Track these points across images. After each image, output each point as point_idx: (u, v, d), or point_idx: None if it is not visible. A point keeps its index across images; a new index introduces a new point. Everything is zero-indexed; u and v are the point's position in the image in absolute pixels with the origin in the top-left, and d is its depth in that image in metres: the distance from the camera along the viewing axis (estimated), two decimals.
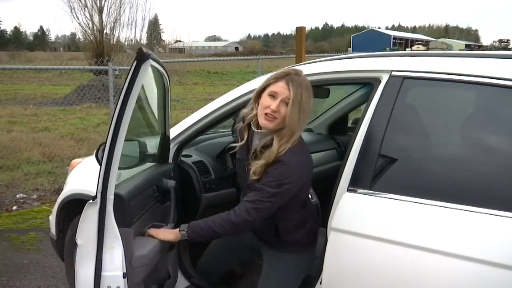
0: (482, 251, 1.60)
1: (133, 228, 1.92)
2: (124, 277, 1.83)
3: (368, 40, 76.43)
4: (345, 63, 2.21)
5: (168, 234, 2.04)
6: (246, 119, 2.05)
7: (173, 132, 2.57)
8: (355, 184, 1.92)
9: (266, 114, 1.90)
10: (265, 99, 1.92)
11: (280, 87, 1.89)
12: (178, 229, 2.01)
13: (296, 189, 1.96)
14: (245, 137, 2.05)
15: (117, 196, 1.83)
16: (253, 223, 1.93)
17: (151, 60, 1.77)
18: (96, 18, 21.80)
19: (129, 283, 1.85)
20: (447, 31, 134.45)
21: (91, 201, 1.83)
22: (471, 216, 1.66)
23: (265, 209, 1.92)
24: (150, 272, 2.01)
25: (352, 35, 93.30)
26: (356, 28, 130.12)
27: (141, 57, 1.70)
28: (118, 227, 1.83)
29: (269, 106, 1.89)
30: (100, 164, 2.27)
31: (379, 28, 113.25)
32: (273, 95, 1.90)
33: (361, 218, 1.87)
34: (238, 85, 2.54)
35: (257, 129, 2.01)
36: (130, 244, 1.87)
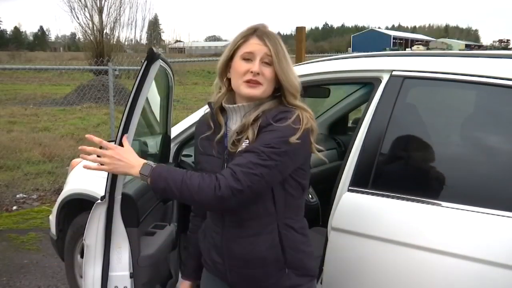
0: (482, 251, 1.60)
1: (140, 228, 1.91)
2: (131, 277, 1.82)
3: (368, 40, 76.43)
4: (345, 63, 2.21)
5: (127, 168, 1.53)
6: (216, 101, 1.62)
7: (174, 132, 2.57)
8: (356, 184, 1.92)
9: (248, 81, 1.51)
10: (238, 64, 1.54)
11: (254, 45, 1.52)
12: (141, 165, 1.51)
13: (302, 157, 1.54)
14: (222, 122, 1.61)
15: (125, 196, 1.82)
16: (239, 194, 1.42)
17: (160, 60, 1.76)
18: (96, 18, 21.88)
19: (136, 283, 1.85)
20: (447, 31, 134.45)
21: (99, 201, 1.81)
22: (471, 216, 1.66)
23: (259, 176, 1.42)
24: (155, 272, 2.02)
25: (352, 35, 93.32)
26: (356, 28, 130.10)
27: (151, 57, 1.69)
28: (126, 227, 1.82)
29: (248, 69, 1.51)
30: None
31: (379, 28, 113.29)
32: (248, 58, 1.53)
33: (361, 218, 1.87)
34: None
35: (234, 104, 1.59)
36: (137, 244, 1.86)
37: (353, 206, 1.89)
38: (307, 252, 1.63)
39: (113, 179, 1.74)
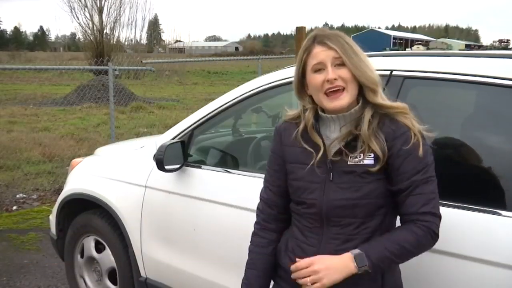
0: (482, 251, 1.60)
1: None
2: None
3: (368, 40, 76.18)
4: None
5: (338, 273, 1.40)
6: (307, 120, 1.52)
7: (174, 132, 2.58)
8: None
9: (328, 91, 1.44)
10: (312, 79, 1.47)
11: (320, 53, 1.45)
12: (350, 259, 1.40)
13: None
14: (320, 140, 1.50)
15: None
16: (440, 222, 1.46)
17: None
18: (96, 18, 21.97)
19: None
20: (447, 31, 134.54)
21: None
22: (471, 216, 1.66)
23: (438, 197, 1.47)
24: None
25: (352, 35, 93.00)
26: (356, 28, 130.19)
27: None
28: None
29: (324, 79, 1.44)
30: (162, 167, 2.31)
31: (379, 28, 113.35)
32: (319, 68, 1.46)
33: None
34: (238, 85, 2.54)
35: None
36: None
37: None
38: (399, 273, 1.56)
39: None
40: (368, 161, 1.44)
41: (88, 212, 2.98)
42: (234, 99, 2.41)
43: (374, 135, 1.44)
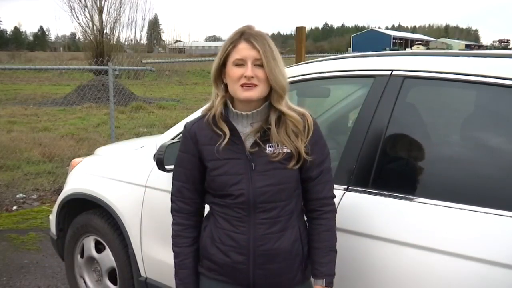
0: (482, 251, 1.60)
1: None
2: None
3: (368, 40, 76.48)
4: (345, 62, 2.21)
5: None
6: (215, 107, 1.63)
7: (173, 131, 2.58)
8: (356, 183, 1.92)
9: (242, 85, 1.56)
10: (231, 71, 1.57)
11: (243, 50, 1.56)
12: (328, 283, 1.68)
13: None
14: (227, 130, 1.61)
15: None
16: None
17: None
18: (96, 18, 21.99)
19: None
20: (447, 31, 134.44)
21: None
22: (471, 216, 1.66)
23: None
24: None
25: (352, 35, 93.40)
26: (356, 28, 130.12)
27: None
28: None
29: (242, 74, 1.55)
30: (162, 167, 2.28)
31: (379, 28, 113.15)
32: (239, 64, 1.57)
33: (361, 218, 1.87)
34: None
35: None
36: None
37: (354, 206, 1.89)
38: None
39: None
40: (285, 149, 1.61)
41: (88, 212, 2.98)
42: None
43: (283, 132, 1.60)
